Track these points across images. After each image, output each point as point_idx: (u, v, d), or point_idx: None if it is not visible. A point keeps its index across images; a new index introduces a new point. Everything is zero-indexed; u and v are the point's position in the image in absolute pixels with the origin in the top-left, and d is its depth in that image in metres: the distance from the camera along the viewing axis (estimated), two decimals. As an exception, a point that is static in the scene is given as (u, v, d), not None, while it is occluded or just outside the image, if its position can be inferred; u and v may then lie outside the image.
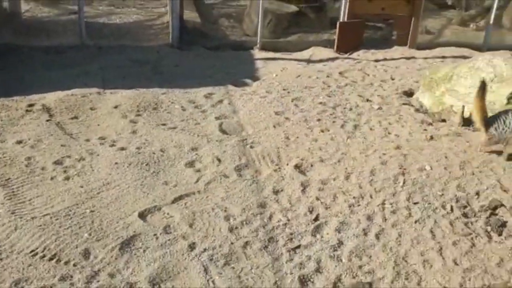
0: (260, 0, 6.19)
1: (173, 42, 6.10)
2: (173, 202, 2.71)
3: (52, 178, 2.92)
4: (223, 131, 3.67)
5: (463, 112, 4.02)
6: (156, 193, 2.80)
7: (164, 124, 3.72)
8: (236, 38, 6.87)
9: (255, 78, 4.95)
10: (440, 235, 2.50)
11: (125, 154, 3.23)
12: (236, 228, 2.50)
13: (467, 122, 4.02)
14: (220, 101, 4.24)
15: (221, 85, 4.61)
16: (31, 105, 3.94)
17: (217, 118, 3.89)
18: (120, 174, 2.99)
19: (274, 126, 3.78)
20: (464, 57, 6.10)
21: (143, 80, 4.73)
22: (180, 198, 2.75)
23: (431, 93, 4.42)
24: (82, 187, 2.84)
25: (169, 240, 2.39)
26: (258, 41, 6.30)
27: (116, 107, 3.98)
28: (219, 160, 3.20)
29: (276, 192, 2.86)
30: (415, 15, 6.53)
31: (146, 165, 3.12)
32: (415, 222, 2.60)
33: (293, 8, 7.40)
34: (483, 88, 3.45)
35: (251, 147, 3.41)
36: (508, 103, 3.89)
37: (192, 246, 2.35)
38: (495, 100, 3.94)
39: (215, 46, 6.30)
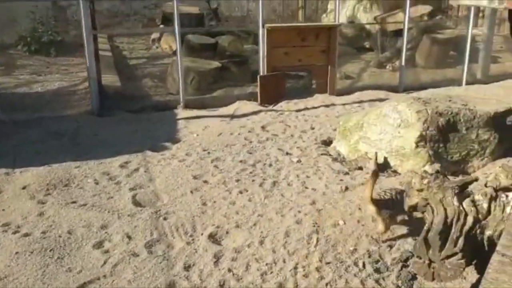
0: (178, 59, 6.21)
1: (94, 109, 5.98)
2: (74, 292, 2.55)
3: None
4: (137, 203, 3.55)
5: (376, 158, 4.13)
6: (57, 284, 2.61)
7: (74, 202, 3.56)
8: (160, 98, 6.84)
9: (176, 140, 4.89)
10: (351, 296, 2.48)
11: (28, 241, 3.03)
12: (141, 315, 2.36)
13: (382, 167, 4.13)
14: (136, 170, 4.13)
15: (138, 152, 4.51)
16: None
17: (131, 189, 3.77)
18: (20, 265, 2.78)
19: (192, 192, 3.71)
20: (381, 100, 6.37)
21: (58, 154, 4.55)
22: (83, 286, 2.59)
23: (347, 141, 4.54)
24: (-25, 286, 2.61)
25: None
26: (181, 99, 6.29)
27: (24, 187, 3.78)
28: (129, 238, 3.07)
29: (187, 267, 2.76)
30: (330, 64, 6.80)
31: (50, 251, 2.93)
32: (326, 284, 2.57)
33: (215, 64, 7.52)
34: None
35: (165, 218, 3.31)
36: (417, 146, 4.04)
37: None
38: (404, 145, 4.09)
39: (138, 109, 6.23)
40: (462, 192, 2.39)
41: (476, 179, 2.43)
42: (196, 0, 12.71)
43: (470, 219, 2.29)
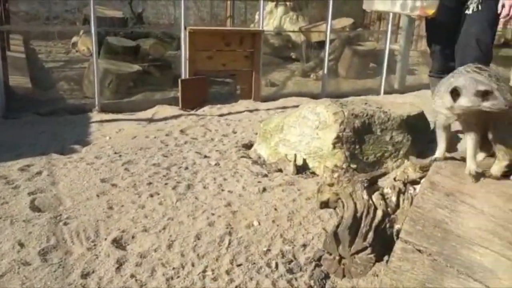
0: (94, 60, 5.88)
1: (-2, 111, 5.49)
2: None
3: None
4: (35, 208, 3.21)
5: (295, 160, 4.08)
6: None
7: (-41, 208, 3.16)
8: (75, 101, 6.44)
9: (86, 143, 4.57)
10: (261, 298, 2.35)
11: None
12: (23, 330, 2.08)
13: (301, 169, 4.08)
14: (39, 173, 3.77)
15: (43, 155, 4.15)
16: None
17: (30, 194, 3.41)
18: None
19: (98, 196, 3.43)
20: (303, 106, 6.39)
21: (-51, 156, 4.08)
22: (-43, 301, 2.25)
23: (267, 144, 4.45)
24: None
25: None
26: (97, 102, 5.94)
27: None
28: (21, 245, 2.74)
29: (85, 275, 2.49)
30: (255, 70, 6.76)
31: None
32: (236, 287, 2.42)
33: (136, 67, 7.24)
34: None
35: (65, 223, 3.01)
36: (334, 148, 4.03)
37: None
38: (322, 146, 4.07)
39: (49, 112, 5.80)
40: (372, 186, 2.35)
41: (386, 173, 2.41)
42: (121, 5, 12.33)
43: (379, 213, 2.25)
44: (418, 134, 4.36)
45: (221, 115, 5.97)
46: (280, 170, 4.13)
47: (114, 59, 7.31)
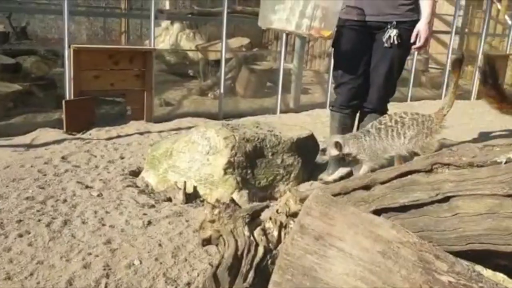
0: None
1: None
2: None
3: None
4: None
5: (185, 188, 3.92)
6: None
7: None
8: None
9: None
10: None
11: None
12: None
13: (191, 197, 3.93)
14: None
15: None
16: None
17: None
18: None
19: (-46, 240, 2.98)
20: (199, 127, 6.26)
21: None
22: None
23: (155, 171, 4.24)
24: None
25: None
26: (-35, 127, 5.31)
27: None
28: None
29: None
30: (146, 89, 6.50)
31: None
32: None
33: (15, 87, 6.64)
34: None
35: None
36: (225, 173, 3.93)
37: None
38: (213, 172, 3.95)
39: None
40: (254, 220, 2.27)
41: (268, 206, 2.34)
42: (3, 18, 11.38)
43: (261, 250, 2.16)
44: (308, 155, 4.42)
45: (109, 139, 5.62)
46: (170, 199, 3.94)
47: (-9, 78, 6.64)
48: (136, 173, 4.49)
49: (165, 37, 11.10)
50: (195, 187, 4.00)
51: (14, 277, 2.63)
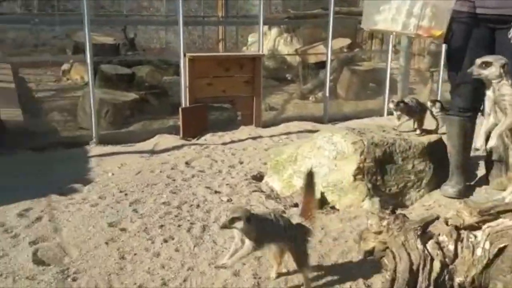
0: (90, 91, 5.62)
1: (-11, 147, 5.17)
2: None
3: None
4: (39, 261, 2.91)
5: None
6: None
7: (-46, 265, 2.84)
8: (69, 133, 6.15)
9: (87, 181, 4.27)
10: None
11: None
12: None
13: (319, 203, 3.83)
14: (39, 219, 3.47)
15: (42, 197, 3.84)
16: None
17: (32, 243, 3.11)
18: None
19: (107, 243, 3.14)
20: (309, 131, 6.21)
21: None
22: None
23: (280, 176, 4.21)
24: None
25: None
26: (94, 135, 5.65)
27: None
28: (26, 309, 2.44)
29: None
30: (255, 95, 6.54)
31: None
32: None
33: (132, 96, 7.00)
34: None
35: (74, 279, 2.71)
36: (354, 180, 3.80)
37: None
38: (341, 178, 3.84)
39: (43, 146, 5.48)
40: (425, 233, 2.11)
41: (438, 217, 2.17)
42: (111, 30, 12.13)
43: (437, 264, 2.01)
44: (438, 162, 4.15)
45: (224, 144, 5.72)
46: (296, 205, 3.87)
47: (109, 87, 7.06)
48: (258, 178, 4.49)
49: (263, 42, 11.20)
50: (322, 193, 3.90)
51: (170, 283, 2.69)
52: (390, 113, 7.68)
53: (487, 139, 3.06)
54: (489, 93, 3.07)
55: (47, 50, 12.08)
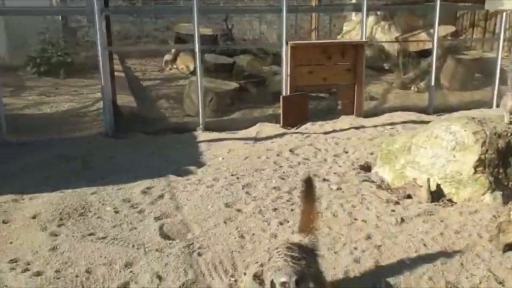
0: (198, 79, 5.84)
1: (107, 130, 5.57)
2: None
3: None
4: (165, 236, 3.10)
5: (429, 186, 3.68)
6: None
7: (92, 234, 3.10)
8: (178, 120, 6.44)
9: (200, 164, 4.46)
10: None
11: (40, 282, 2.57)
12: None
13: (435, 195, 3.68)
14: (161, 196, 3.69)
15: (161, 177, 4.08)
16: None
17: (157, 219, 3.32)
18: (30, 314, 2.32)
19: (225, 222, 3.26)
20: (413, 122, 5.98)
21: (71, 178, 4.12)
22: None
23: (391, 166, 4.10)
24: None
25: None
26: (201, 122, 5.88)
27: (34, 217, 3.33)
28: (159, 278, 2.61)
29: (234, 317, 2.29)
30: (357, 83, 6.40)
31: (67, 294, 2.47)
32: None
33: (233, 85, 7.15)
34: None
35: (199, 254, 2.85)
36: (475, 172, 3.60)
37: None
38: (461, 170, 3.65)
39: (154, 131, 5.80)
40: None
41: None
42: (208, 22, 12.50)
43: None
44: None
45: (325, 133, 5.67)
46: (409, 196, 3.76)
47: (211, 76, 7.28)
48: (365, 168, 4.41)
49: (359, 31, 10.93)
50: (438, 185, 3.74)
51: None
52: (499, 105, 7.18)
53: None
54: None
55: (150, 42, 12.73)
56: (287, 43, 6.14)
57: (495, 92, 7.25)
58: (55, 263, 2.76)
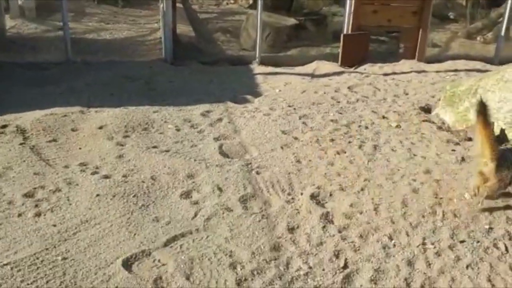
0: (258, 13, 5.75)
1: (167, 57, 5.64)
2: (165, 244, 2.21)
3: (19, 215, 2.41)
4: (224, 154, 3.19)
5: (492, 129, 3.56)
6: (144, 233, 2.29)
7: (155, 147, 3.23)
8: (234, 53, 6.43)
9: (257, 94, 4.48)
10: (502, 284, 2.01)
11: (109, 184, 2.73)
12: (246, 279, 2.00)
13: (498, 140, 3.56)
14: (219, 120, 3.76)
15: (219, 102, 4.14)
16: (3, 127, 3.44)
17: (216, 139, 3.40)
18: (102, 209, 2.48)
19: (282, 148, 3.30)
20: (478, 71, 5.71)
21: (133, 97, 4.26)
22: (174, 239, 2.25)
23: (454, 109, 3.97)
24: (55, 225, 2.33)
25: (161, 297, 1.89)
26: (257, 55, 5.84)
27: (101, 127, 3.49)
28: (220, 190, 2.71)
29: (291, 229, 2.37)
30: (422, 27, 6.12)
31: (134, 196, 2.62)
32: (467, 267, 2.11)
33: (292, 21, 7.01)
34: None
35: (257, 173, 2.92)
36: (547, 121, 3.44)
37: (190, 307, 1.85)
38: (533, 119, 3.50)
39: (211, 61, 5.84)
40: None
41: None
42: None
43: None
44: None
45: (385, 74, 5.53)
46: (471, 139, 3.65)
47: (269, 11, 7.14)
48: (425, 110, 4.30)
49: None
50: (502, 130, 3.60)
51: (348, 190, 2.77)
52: None
53: None
54: None
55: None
56: (353, -21, 5.90)
57: None
58: (122, 169, 2.91)
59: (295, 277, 2.01)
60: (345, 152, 3.27)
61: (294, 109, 4.09)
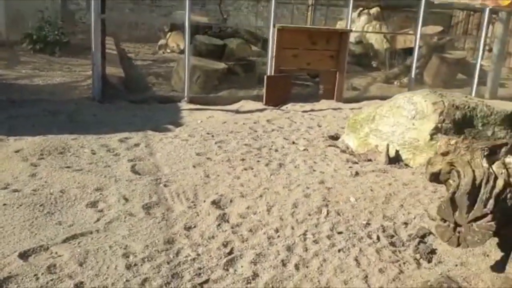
0: (186, 54, 6.10)
1: (95, 95, 5.80)
2: (64, 241, 2.32)
3: None
4: (136, 172, 3.35)
5: (388, 150, 3.96)
6: (45, 233, 2.39)
7: (68, 167, 3.35)
8: (164, 93, 6.69)
9: (178, 124, 4.72)
10: (366, 262, 2.27)
11: (17, 196, 2.82)
12: (135, 265, 2.14)
13: (393, 160, 3.95)
14: (137, 145, 3.94)
15: (139, 131, 4.33)
16: None
17: (130, 161, 3.57)
18: (7, 216, 2.57)
19: (194, 166, 3.52)
20: (389, 108, 6.23)
21: (54, 128, 4.35)
22: (73, 237, 2.37)
23: (356, 135, 4.37)
24: (-45, 231, 2.39)
25: (51, 280, 1.99)
26: (186, 94, 6.13)
27: (17, 151, 3.57)
28: (126, 199, 2.86)
29: (188, 228, 2.54)
30: (339, 70, 6.69)
31: (41, 205, 2.72)
32: (339, 251, 2.36)
33: (222, 65, 7.41)
34: None
35: (165, 185, 3.11)
36: (431, 139, 3.87)
37: (79, 286, 1.96)
38: (418, 137, 3.92)
39: (140, 100, 6.05)
40: (492, 155, 2.22)
41: (507, 144, 2.26)
42: (204, 11, 12.80)
43: (500, 182, 2.11)
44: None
45: (304, 111, 5.96)
46: (370, 160, 4.03)
47: (202, 56, 7.53)
48: (334, 138, 4.68)
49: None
50: (397, 151, 4.01)
51: (247, 196, 2.99)
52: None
53: None
54: None
55: (146, 28, 12.99)
56: (274, 26, 6.42)
57: (474, 88, 7.55)
58: (33, 185, 3.01)
59: (182, 262, 2.18)
60: (252, 169, 3.52)
61: (212, 136, 4.35)
